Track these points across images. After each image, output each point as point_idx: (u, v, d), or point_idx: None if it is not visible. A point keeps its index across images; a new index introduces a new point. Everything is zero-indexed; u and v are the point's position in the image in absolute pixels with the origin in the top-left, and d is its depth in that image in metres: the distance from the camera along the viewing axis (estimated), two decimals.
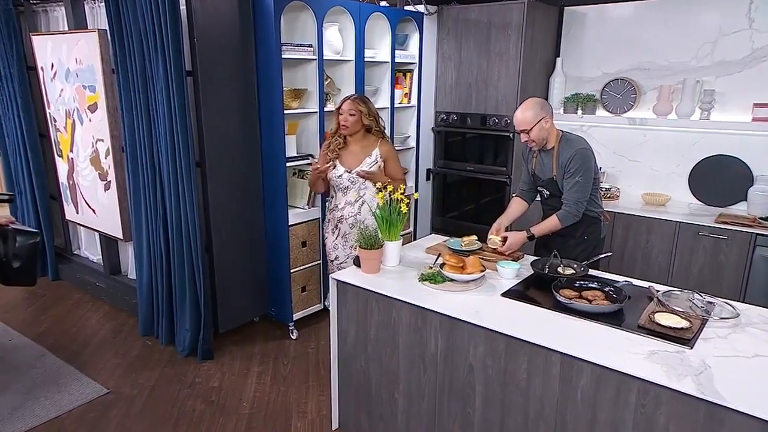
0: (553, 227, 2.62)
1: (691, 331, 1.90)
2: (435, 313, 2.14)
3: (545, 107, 2.60)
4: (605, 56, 4.06)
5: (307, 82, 3.49)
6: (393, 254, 2.50)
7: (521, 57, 3.88)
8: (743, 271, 3.25)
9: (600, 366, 1.76)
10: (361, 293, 2.37)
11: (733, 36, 3.55)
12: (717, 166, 3.71)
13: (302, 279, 3.63)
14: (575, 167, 2.55)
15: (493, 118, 4.09)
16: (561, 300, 2.12)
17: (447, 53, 4.24)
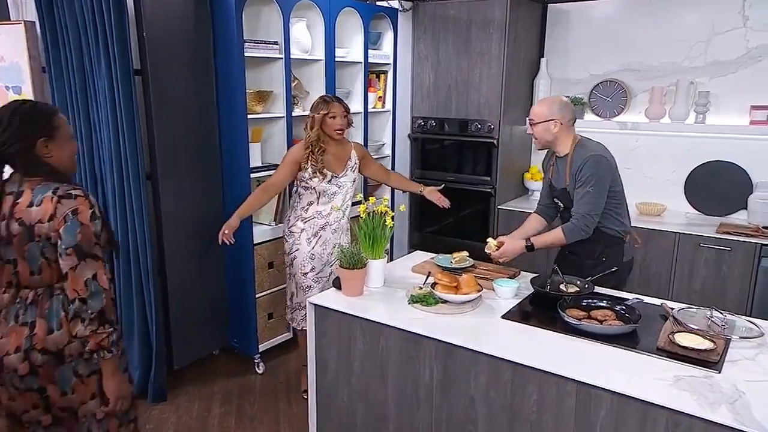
0: (556, 241, 2.53)
1: (716, 352, 1.85)
2: (429, 339, 2.04)
3: (564, 110, 2.53)
4: (592, 57, 4.08)
5: (273, 83, 3.38)
6: (377, 274, 2.40)
7: (505, 57, 3.86)
8: (749, 284, 3.26)
9: (621, 395, 1.68)
10: (343, 319, 2.25)
11: (727, 35, 3.61)
12: (714, 173, 3.75)
13: (269, 305, 3.49)
14: (586, 175, 2.45)
15: (476, 124, 4.04)
16: (569, 321, 2.04)
17: (423, 53, 4.19)
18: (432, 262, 2.72)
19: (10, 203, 1.67)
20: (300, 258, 3.01)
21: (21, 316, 1.69)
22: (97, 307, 1.64)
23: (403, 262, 2.80)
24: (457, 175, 4.23)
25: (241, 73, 3.10)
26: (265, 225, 3.48)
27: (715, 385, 1.68)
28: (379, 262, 2.38)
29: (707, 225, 3.54)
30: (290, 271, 3.07)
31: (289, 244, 3.03)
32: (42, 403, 1.72)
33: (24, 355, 1.67)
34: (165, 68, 2.94)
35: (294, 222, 3.01)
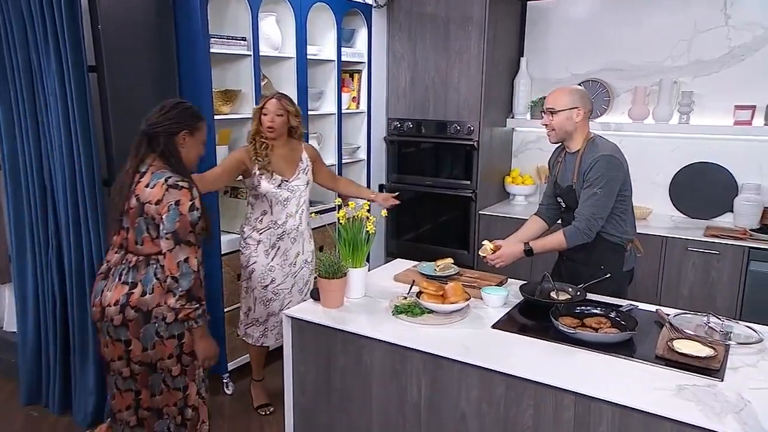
0: (557, 245, 2.50)
1: (717, 359, 1.85)
2: (416, 352, 2.00)
3: (584, 99, 2.50)
4: (573, 56, 4.12)
5: (241, 82, 3.32)
6: (358, 284, 2.36)
7: (484, 56, 3.87)
8: (737, 289, 3.31)
9: (623, 407, 1.67)
10: (322, 332, 2.19)
11: (709, 33, 3.69)
12: (699, 175, 3.81)
13: (237, 319, 3.34)
14: (595, 176, 2.41)
15: (455, 125, 4.03)
16: (563, 329, 2.03)
17: (399, 52, 4.17)
18: (415, 270, 2.68)
19: (136, 180, 2.10)
20: (258, 271, 2.95)
21: (124, 276, 2.11)
22: (186, 286, 2.06)
23: (384, 271, 2.76)
24: (435, 179, 4.21)
25: (207, 71, 3.02)
26: (235, 234, 3.37)
27: (719, 394, 1.68)
28: (360, 270, 2.33)
29: (694, 228, 3.59)
30: (248, 285, 2.99)
31: (246, 257, 2.96)
32: (125, 356, 2.13)
33: (120, 309, 2.08)
34: (123, 64, 2.84)
35: (249, 233, 2.95)
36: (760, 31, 3.55)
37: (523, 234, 2.72)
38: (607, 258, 2.55)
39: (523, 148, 4.42)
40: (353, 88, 4.02)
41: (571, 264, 2.63)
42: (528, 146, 4.39)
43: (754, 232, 3.40)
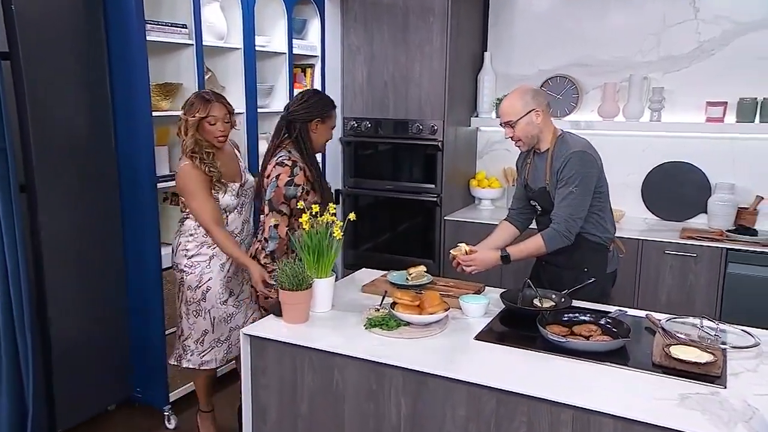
0: (535, 250, 2.48)
1: (717, 365, 1.86)
2: (394, 369, 1.94)
3: (538, 97, 2.51)
4: (539, 50, 4.17)
5: (181, 75, 3.21)
6: (324, 296, 2.29)
7: (447, 49, 3.87)
8: (716, 292, 3.39)
9: (626, 419, 1.65)
10: (286, 351, 2.11)
11: (679, 27, 3.80)
12: (671, 175, 3.91)
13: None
14: (569, 174, 2.41)
15: (416, 125, 4.01)
16: (553, 338, 2.01)
17: (355, 44, 4.12)
18: (385, 280, 2.63)
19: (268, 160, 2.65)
20: (216, 288, 2.81)
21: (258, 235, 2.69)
22: (271, 248, 2.58)
23: (350, 282, 2.70)
24: (396, 183, 4.17)
25: (143, 61, 2.90)
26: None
27: (724, 402, 1.68)
28: (326, 281, 2.26)
29: (669, 231, 3.67)
30: (200, 307, 2.82)
31: (196, 276, 2.78)
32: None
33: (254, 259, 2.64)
34: (42, 51, 2.67)
35: (196, 250, 2.78)
36: (729, 25, 3.68)
37: (493, 241, 2.70)
38: (590, 259, 2.56)
39: (488, 149, 4.43)
40: (306, 83, 3.95)
41: (552, 268, 2.62)
42: (493, 147, 4.40)
43: (730, 233, 3.50)
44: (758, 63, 3.63)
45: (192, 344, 2.84)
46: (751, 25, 3.63)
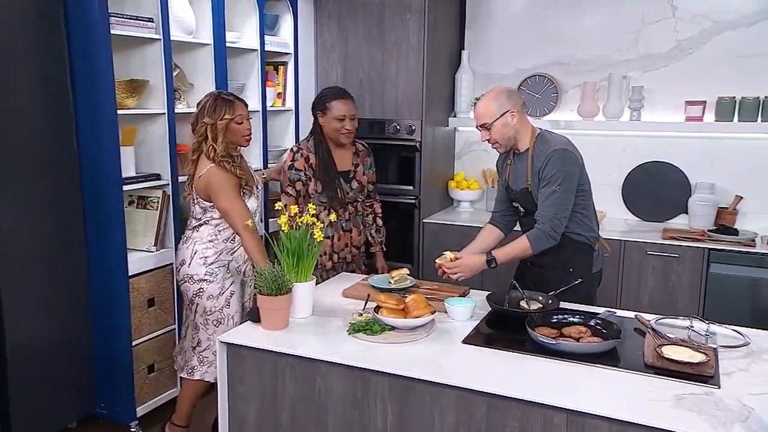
0: (521, 252, 2.49)
1: (710, 365, 1.89)
2: (380, 375, 1.92)
3: (513, 97, 2.53)
4: (518, 49, 4.20)
5: (148, 71, 3.15)
6: (305, 301, 2.26)
7: (425, 47, 3.87)
8: (698, 292, 3.45)
9: (621, 422, 1.65)
10: (266, 359, 2.08)
11: (657, 25, 3.87)
12: (651, 175, 3.97)
13: (149, 354, 3.20)
14: (551, 173, 2.43)
15: (393, 125, 4.00)
16: (543, 341, 2.01)
17: (329, 42, 4.10)
18: (366, 283, 2.62)
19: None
20: (237, 291, 2.84)
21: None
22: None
23: (329, 287, 2.68)
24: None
25: (107, 56, 2.82)
26: (142, 251, 3.18)
27: (719, 402, 1.70)
28: (307, 285, 2.24)
29: (651, 231, 3.72)
30: (223, 315, 2.79)
31: (218, 284, 2.75)
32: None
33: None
34: None
35: (215, 257, 2.75)
36: (707, 24, 3.76)
37: (478, 245, 2.71)
38: (576, 260, 2.58)
39: (466, 149, 4.45)
40: (278, 82, 3.92)
41: (537, 269, 2.63)
42: (472, 147, 4.42)
43: (711, 232, 3.56)
44: (736, 61, 3.71)
45: (212, 355, 2.79)
46: (729, 23, 3.71)
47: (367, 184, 3.23)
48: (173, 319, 3.30)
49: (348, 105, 3.05)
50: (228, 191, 2.65)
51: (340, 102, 3.01)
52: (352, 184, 3.15)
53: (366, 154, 3.25)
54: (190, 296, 2.79)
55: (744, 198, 3.77)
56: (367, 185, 3.24)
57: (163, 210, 3.19)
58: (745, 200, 3.77)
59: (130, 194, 3.19)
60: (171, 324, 3.29)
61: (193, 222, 2.79)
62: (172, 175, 3.21)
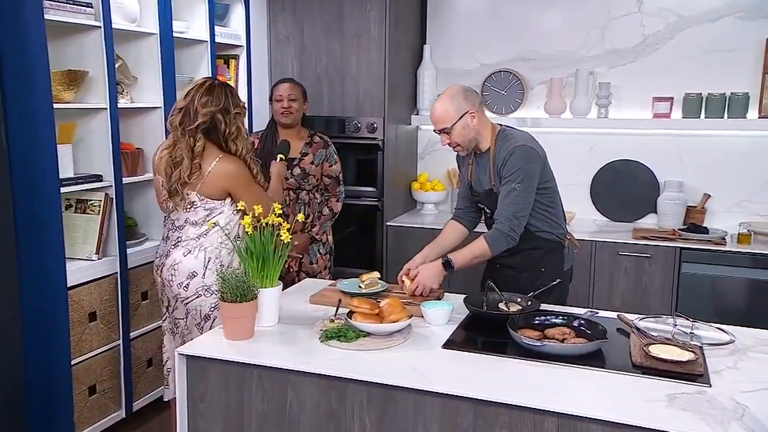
0: (478, 253, 2.47)
1: (699, 363, 1.92)
2: (357, 384, 1.89)
3: (470, 97, 2.53)
4: (481, 44, 4.25)
5: (87, 61, 3.06)
6: (271, 307, 2.21)
7: (387, 40, 3.87)
8: (671, 292, 3.54)
9: (615, 424, 1.66)
10: (231, 371, 2.02)
11: (623, 20, 3.97)
12: (620, 174, 4.06)
13: (91, 374, 3.10)
14: (512, 170, 2.44)
15: (354, 122, 3.99)
16: (528, 343, 2.02)
17: (283, 34, 4.06)
18: (334, 289, 2.58)
19: None
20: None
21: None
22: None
23: (294, 294, 2.64)
24: None
25: (41, 44, 2.69)
26: (82, 260, 3.08)
27: (713, 401, 1.73)
28: (273, 291, 2.19)
29: (621, 231, 3.80)
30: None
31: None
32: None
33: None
34: None
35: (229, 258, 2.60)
36: (673, 19, 3.88)
37: (441, 241, 2.71)
38: (547, 259, 2.62)
39: (429, 149, 4.46)
40: (230, 77, 3.87)
41: (509, 271, 2.65)
42: (435, 147, 4.43)
43: (682, 231, 3.66)
44: (703, 57, 3.84)
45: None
46: (695, 18, 3.83)
47: (322, 177, 3.40)
48: (118, 334, 3.19)
49: (285, 86, 3.35)
50: (252, 182, 2.61)
51: (279, 85, 3.36)
52: (294, 170, 3.34)
53: (321, 146, 3.42)
54: (206, 311, 2.59)
55: (712, 196, 3.90)
56: (322, 178, 3.41)
57: (106, 214, 3.09)
58: (712, 198, 3.90)
59: (67, 197, 3.09)
60: (115, 340, 3.18)
61: (192, 229, 2.58)
62: (115, 176, 3.11)
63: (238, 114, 2.57)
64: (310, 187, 3.38)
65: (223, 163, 2.52)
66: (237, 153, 2.54)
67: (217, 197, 2.55)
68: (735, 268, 3.46)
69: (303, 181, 3.35)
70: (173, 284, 2.57)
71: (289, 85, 3.36)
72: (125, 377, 3.25)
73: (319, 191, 3.42)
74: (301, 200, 3.38)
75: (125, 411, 3.26)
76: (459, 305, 2.37)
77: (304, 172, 3.35)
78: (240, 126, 2.58)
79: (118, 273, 3.14)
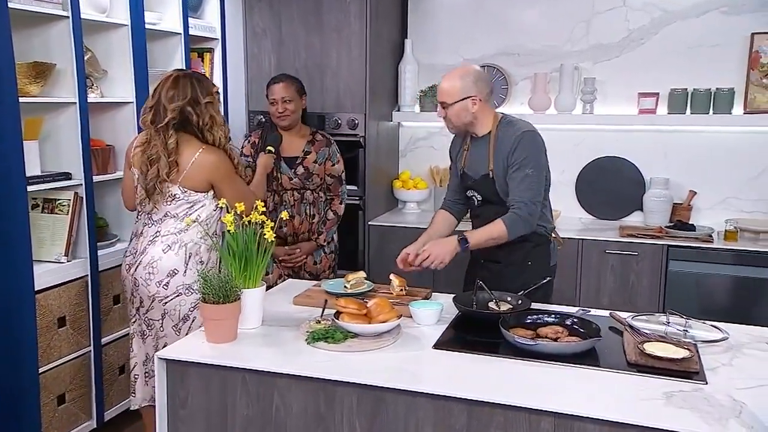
0: (496, 235, 2.49)
1: (695, 361, 1.94)
2: (346, 386, 1.88)
3: (480, 83, 2.56)
4: (464, 38, 4.27)
5: (53, 53, 3.02)
6: (254, 309, 2.19)
7: (368, 33, 3.87)
8: (658, 290, 3.58)
9: (614, 423, 1.67)
10: (214, 375, 2.00)
11: (608, 14, 4.02)
12: (605, 172, 4.10)
13: (60, 382, 3.06)
14: (523, 155, 2.49)
15: (334, 118, 3.99)
16: (521, 342, 2.02)
17: (260, 27, 4.05)
18: (319, 289, 2.57)
19: None
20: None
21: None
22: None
23: (276, 295, 2.62)
24: None
25: (6, 35, 2.64)
26: (51, 262, 3.04)
27: (710, 398, 1.75)
28: (256, 291, 2.17)
29: (607, 230, 3.84)
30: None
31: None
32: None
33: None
34: None
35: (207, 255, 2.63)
36: (658, 13, 3.93)
37: (435, 230, 2.75)
38: (534, 254, 2.65)
39: (411, 146, 4.47)
40: (204, 70, 3.84)
41: (494, 266, 2.67)
42: (417, 144, 4.45)
43: (669, 228, 3.71)
44: (688, 52, 3.90)
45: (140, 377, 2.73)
46: (680, 13, 3.89)
47: (325, 176, 3.40)
48: (88, 340, 3.15)
49: (278, 88, 3.27)
50: (233, 172, 2.63)
51: (272, 86, 3.29)
52: (297, 169, 3.32)
53: (324, 144, 3.41)
54: (186, 311, 2.59)
55: (697, 193, 3.96)
56: (325, 177, 3.40)
57: (75, 214, 3.05)
58: (698, 195, 3.96)
59: (34, 196, 3.04)
60: (86, 346, 3.14)
61: (172, 222, 2.57)
62: (85, 174, 3.07)
63: (210, 103, 2.57)
64: (315, 186, 3.37)
65: (205, 154, 2.53)
66: (215, 143, 2.57)
67: (200, 189, 2.56)
68: (722, 266, 3.52)
69: (307, 181, 3.33)
70: (150, 283, 2.55)
71: (283, 85, 3.27)
72: (96, 385, 3.20)
73: (323, 190, 3.43)
74: (306, 200, 3.36)
75: (96, 421, 3.22)
76: (448, 305, 2.37)
77: (308, 172, 3.33)
78: (214, 115, 2.58)
79: (88, 276, 3.10)
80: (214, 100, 2.59)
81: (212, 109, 2.57)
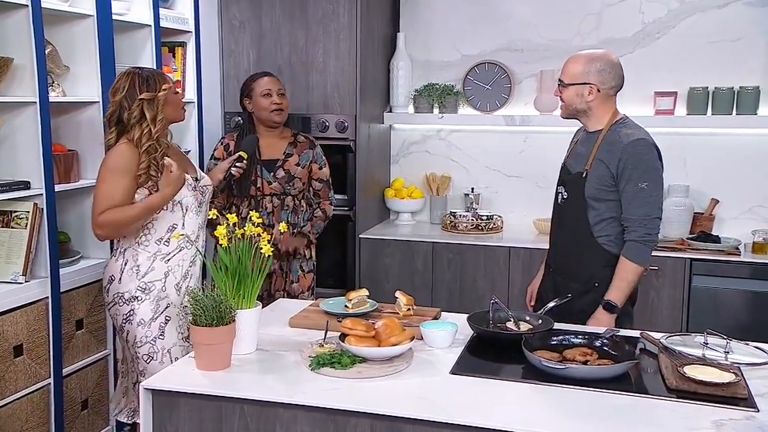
0: (632, 275, 2.56)
1: (742, 386, 1.96)
2: (361, 417, 1.88)
3: (605, 74, 2.61)
4: (462, 32, 4.32)
5: (10, 46, 2.99)
6: (250, 332, 2.20)
7: (358, 27, 3.90)
8: (681, 307, 3.63)
9: None
10: (207, 406, 1.99)
11: (620, 6, 4.09)
12: None
13: (15, 420, 3.01)
14: (636, 165, 2.52)
15: (322, 120, 4.01)
16: (548, 366, 2.03)
17: (238, 19, 4.07)
18: (317, 309, 2.58)
19: None
20: (174, 323, 2.74)
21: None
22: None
23: (268, 315, 2.61)
24: None
25: None
26: (7, 283, 3.01)
27: (765, 427, 1.76)
28: (252, 312, 2.18)
29: None
30: (155, 349, 2.69)
31: (152, 304, 2.69)
32: None
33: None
34: None
35: (148, 265, 2.69)
36: (675, 5, 4.01)
37: None
38: (602, 275, 2.65)
39: (405, 151, 4.50)
40: (176, 67, 3.84)
41: (560, 279, 2.74)
42: (411, 149, 4.47)
43: (691, 240, 3.76)
44: (708, 48, 3.98)
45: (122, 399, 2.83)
46: (699, 4, 3.97)
47: (310, 181, 3.47)
48: (48, 371, 3.11)
49: (270, 79, 3.40)
50: (117, 171, 2.63)
51: (261, 79, 3.39)
52: (278, 173, 3.39)
53: (307, 146, 3.49)
54: (120, 323, 2.73)
55: (720, 201, 4.02)
56: (311, 182, 3.48)
57: (34, 228, 3.02)
58: (721, 203, 4.02)
59: None
60: (45, 378, 3.10)
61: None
62: (46, 183, 3.03)
63: (148, 100, 2.66)
64: (296, 191, 3.41)
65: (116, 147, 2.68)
66: (134, 139, 2.65)
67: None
68: (751, 281, 3.57)
69: (288, 185, 3.38)
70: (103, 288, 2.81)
71: (275, 78, 3.41)
72: (56, 422, 3.16)
73: (305, 199, 3.45)
74: (286, 207, 3.40)
75: None
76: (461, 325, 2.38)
77: (289, 174, 3.38)
78: (145, 111, 2.66)
79: (49, 298, 3.07)
80: (154, 97, 2.66)
81: (147, 106, 2.66)
